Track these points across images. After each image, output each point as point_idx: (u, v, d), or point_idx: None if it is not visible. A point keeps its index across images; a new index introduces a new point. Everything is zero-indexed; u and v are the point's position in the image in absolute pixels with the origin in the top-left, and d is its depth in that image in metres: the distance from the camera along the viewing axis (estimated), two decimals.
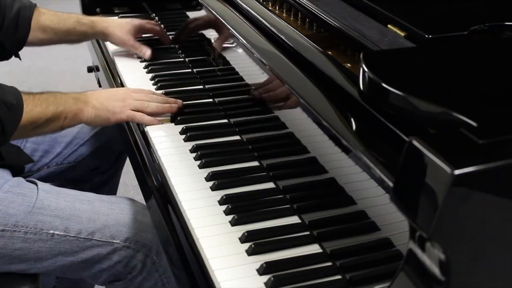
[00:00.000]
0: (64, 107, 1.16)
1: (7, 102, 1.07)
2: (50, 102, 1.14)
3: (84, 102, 1.19)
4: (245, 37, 1.16)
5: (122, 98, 1.23)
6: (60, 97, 1.17)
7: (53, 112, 1.14)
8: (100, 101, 1.21)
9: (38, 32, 1.46)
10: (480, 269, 0.66)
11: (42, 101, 1.13)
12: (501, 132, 0.65)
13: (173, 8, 1.79)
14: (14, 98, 1.09)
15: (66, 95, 1.19)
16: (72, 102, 1.17)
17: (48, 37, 1.48)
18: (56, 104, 1.15)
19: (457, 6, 1.03)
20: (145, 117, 1.22)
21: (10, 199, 1.12)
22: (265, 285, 0.83)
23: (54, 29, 1.47)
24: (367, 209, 0.86)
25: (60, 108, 1.15)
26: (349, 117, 0.85)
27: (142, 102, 1.23)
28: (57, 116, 1.15)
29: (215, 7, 1.34)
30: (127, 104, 1.22)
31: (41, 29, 1.46)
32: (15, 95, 1.10)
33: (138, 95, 1.25)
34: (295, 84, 0.97)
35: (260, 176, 1.06)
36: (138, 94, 1.25)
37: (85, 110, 1.18)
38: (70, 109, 1.17)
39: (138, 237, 1.15)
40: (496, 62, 0.85)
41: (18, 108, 1.09)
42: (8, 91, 1.10)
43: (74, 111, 1.17)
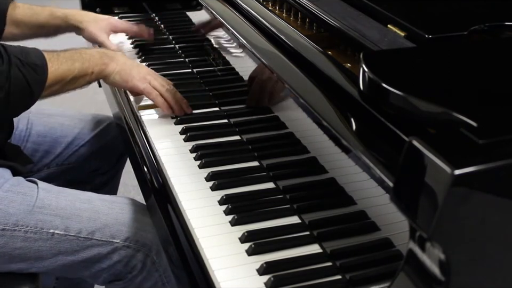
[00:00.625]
0: (89, 62, 1.17)
1: (31, 63, 1.08)
2: (76, 59, 1.16)
3: (110, 57, 1.21)
4: (245, 37, 1.16)
5: (147, 72, 1.25)
6: (85, 52, 1.19)
7: (79, 68, 1.15)
8: (126, 63, 1.23)
9: (11, 27, 1.45)
10: (480, 269, 0.66)
11: (68, 59, 1.15)
12: (501, 132, 0.65)
13: (173, 8, 1.79)
14: (38, 59, 1.10)
15: (92, 50, 1.21)
16: (98, 56, 1.19)
17: (21, 31, 1.47)
18: (82, 60, 1.16)
19: (457, 6, 1.03)
20: (160, 98, 1.23)
21: (11, 198, 1.12)
22: (265, 285, 0.83)
23: (27, 23, 1.46)
24: (367, 209, 0.86)
25: (85, 64, 1.17)
26: (349, 117, 0.85)
27: (163, 85, 1.24)
28: (84, 71, 1.17)
29: (215, 7, 1.34)
30: (148, 78, 1.23)
31: (15, 23, 1.45)
32: (38, 56, 1.11)
33: (160, 78, 1.26)
34: (295, 84, 0.98)
35: (260, 176, 1.06)
36: (160, 78, 1.27)
37: (110, 64, 1.20)
38: (96, 62, 1.18)
39: (139, 236, 1.15)
40: (496, 62, 0.85)
41: (43, 68, 1.10)
42: (31, 52, 1.11)
43: (100, 65, 1.19)
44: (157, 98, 1.23)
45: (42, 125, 1.45)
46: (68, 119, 1.49)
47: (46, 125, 1.46)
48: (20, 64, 1.07)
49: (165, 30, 1.67)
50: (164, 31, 1.67)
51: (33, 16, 1.46)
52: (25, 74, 1.07)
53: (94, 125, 1.50)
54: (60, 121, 1.48)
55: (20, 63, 1.07)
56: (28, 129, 1.43)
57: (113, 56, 1.22)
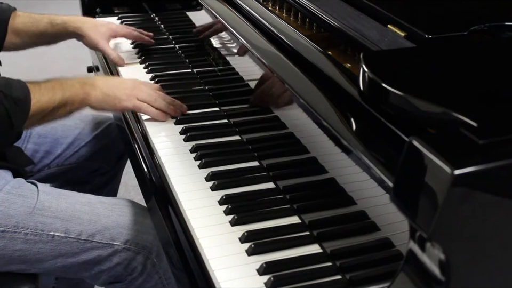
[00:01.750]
0: (70, 93, 1.16)
1: (14, 97, 1.07)
2: (57, 89, 1.14)
3: (90, 85, 1.19)
4: (245, 37, 1.16)
5: (131, 87, 1.22)
6: (66, 83, 1.17)
7: (60, 99, 1.14)
8: (108, 86, 1.21)
9: (12, 36, 1.45)
10: (480, 268, 0.66)
11: (49, 89, 1.13)
12: (501, 132, 0.65)
13: (173, 8, 1.79)
14: (21, 92, 1.09)
15: (73, 80, 1.18)
16: (79, 86, 1.17)
17: (21, 40, 1.47)
18: (63, 90, 1.15)
19: (457, 6, 1.03)
20: (150, 108, 1.22)
21: (11, 200, 1.12)
22: (265, 285, 0.83)
23: (27, 32, 1.46)
24: (367, 209, 0.86)
25: (66, 94, 1.15)
26: (349, 117, 0.85)
27: (150, 94, 1.23)
28: (65, 102, 1.15)
29: (215, 7, 1.34)
30: (134, 93, 1.21)
31: (15, 33, 1.45)
32: (22, 89, 1.10)
33: (146, 88, 1.24)
34: (295, 84, 0.98)
35: (260, 176, 1.06)
36: (146, 87, 1.24)
37: (92, 93, 1.18)
38: (77, 93, 1.16)
39: (139, 239, 1.15)
40: (496, 62, 0.85)
41: (26, 102, 1.09)
42: (15, 86, 1.10)
43: (82, 96, 1.17)
44: (148, 110, 1.22)
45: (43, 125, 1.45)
46: (68, 120, 1.49)
47: (47, 125, 1.46)
48: (3, 97, 1.06)
49: (165, 30, 1.67)
50: (164, 31, 1.67)
51: (33, 24, 1.46)
52: (8, 108, 1.06)
53: (95, 125, 1.51)
54: (60, 121, 1.48)
55: (3, 96, 1.06)
56: (28, 130, 1.43)
57: (94, 83, 1.19)
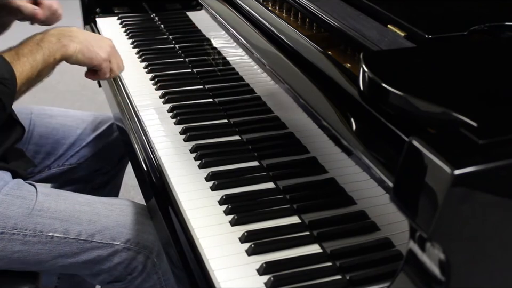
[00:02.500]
0: (49, 50, 1.14)
1: (0, 78, 1.06)
2: (35, 52, 1.12)
3: (68, 37, 1.17)
4: (245, 37, 1.16)
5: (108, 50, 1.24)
6: (41, 40, 1.15)
7: (41, 61, 1.13)
8: (86, 38, 1.20)
9: None
10: (480, 268, 0.66)
11: (28, 55, 1.11)
12: (501, 132, 0.65)
13: (173, 8, 1.79)
14: (5, 71, 1.07)
15: (49, 34, 1.16)
16: (55, 40, 1.16)
17: None
18: (41, 50, 1.13)
19: (457, 6, 1.03)
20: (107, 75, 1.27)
21: (10, 201, 1.12)
22: (265, 285, 0.83)
23: None
24: (367, 209, 0.86)
25: (46, 53, 1.13)
26: (349, 117, 0.85)
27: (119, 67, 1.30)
28: (46, 61, 1.14)
29: (215, 7, 1.34)
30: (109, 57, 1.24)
31: None
32: (5, 67, 1.07)
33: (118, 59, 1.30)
34: (295, 84, 0.98)
35: (260, 176, 1.06)
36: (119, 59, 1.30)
37: (70, 45, 1.17)
38: (55, 48, 1.15)
39: (139, 238, 1.15)
40: (496, 62, 0.85)
41: (12, 79, 1.08)
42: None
43: (60, 49, 1.16)
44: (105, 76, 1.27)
45: (45, 126, 1.45)
46: (69, 120, 1.49)
47: (48, 126, 1.46)
48: None
49: (165, 30, 1.67)
50: (164, 31, 1.67)
51: None
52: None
53: (96, 125, 1.50)
54: (61, 122, 1.48)
55: None
56: (29, 131, 1.43)
57: (71, 34, 1.18)
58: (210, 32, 1.48)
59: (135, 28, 1.70)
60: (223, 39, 1.36)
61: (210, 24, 1.45)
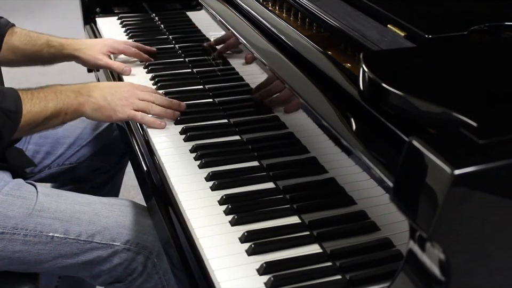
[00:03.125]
0: (64, 103, 1.13)
1: (5, 109, 1.05)
2: (50, 99, 1.12)
3: (85, 95, 1.16)
4: (245, 37, 1.16)
5: (127, 96, 1.19)
6: (59, 91, 1.14)
7: (53, 110, 1.12)
8: (103, 95, 1.17)
9: (8, 53, 1.42)
10: (480, 269, 0.66)
11: (41, 99, 1.11)
12: (501, 132, 0.65)
13: (173, 8, 1.79)
14: (13, 104, 1.07)
15: (67, 89, 1.16)
16: (73, 96, 1.15)
17: (16, 58, 1.44)
18: (56, 100, 1.12)
19: (457, 6, 1.03)
20: (146, 117, 1.19)
21: (10, 201, 1.12)
22: (265, 285, 0.83)
23: (24, 50, 1.43)
24: (367, 209, 0.86)
25: (59, 105, 1.13)
26: (349, 117, 0.85)
27: (147, 103, 1.20)
28: (57, 112, 1.13)
29: (215, 7, 1.34)
30: (130, 103, 1.18)
31: (11, 50, 1.42)
32: (14, 100, 1.07)
33: (143, 94, 1.21)
34: (295, 84, 0.98)
35: (260, 176, 1.06)
36: (143, 93, 1.22)
37: (86, 104, 1.15)
38: (71, 104, 1.14)
39: (139, 239, 1.15)
40: (496, 62, 0.85)
41: (17, 114, 1.07)
42: (8, 95, 1.07)
43: (75, 106, 1.15)
44: (144, 119, 1.19)
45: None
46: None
47: None
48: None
49: (165, 30, 1.67)
50: (164, 31, 1.67)
51: (29, 43, 1.43)
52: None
53: (96, 125, 1.50)
54: None
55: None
56: None
57: (89, 93, 1.16)
58: (210, 32, 1.48)
59: (135, 27, 1.70)
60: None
61: (210, 24, 1.45)
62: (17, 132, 1.09)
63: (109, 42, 1.47)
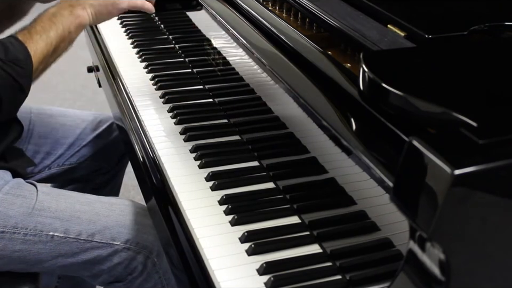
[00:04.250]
0: (63, 25, 1.12)
1: (14, 59, 1.05)
2: (48, 28, 1.11)
3: (79, 6, 1.16)
4: (245, 37, 1.16)
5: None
6: (54, 15, 1.13)
7: (56, 36, 1.11)
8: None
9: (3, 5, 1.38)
10: (480, 269, 0.66)
11: (41, 33, 1.10)
12: (501, 132, 0.65)
13: (173, 8, 1.79)
14: (19, 52, 1.06)
15: (59, 9, 1.14)
16: (68, 13, 1.14)
17: None
18: (55, 26, 1.12)
19: (457, 6, 1.03)
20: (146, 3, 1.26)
21: (10, 200, 1.12)
22: (265, 285, 0.83)
23: None
24: (367, 209, 0.86)
25: (59, 29, 1.12)
26: (349, 117, 0.85)
27: None
28: (61, 36, 1.12)
29: (215, 7, 1.34)
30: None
31: None
32: (19, 48, 1.07)
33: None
34: (295, 84, 0.98)
35: (260, 176, 1.06)
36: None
37: (83, 14, 1.16)
38: (70, 21, 1.14)
39: (139, 238, 1.15)
40: (496, 62, 0.85)
41: (28, 60, 1.07)
42: (10, 45, 1.07)
43: (75, 21, 1.14)
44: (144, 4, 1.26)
45: (44, 125, 1.45)
46: (69, 120, 1.49)
47: (48, 126, 1.46)
48: (1, 64, 1.04)
49: (165, 30, 1.67)
50: (164, 31, 1.67)
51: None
52: (10, 73, 1.04)
53: (96, 125, 1.50)
54: (61, 121, 1.48)
55: (1, 62, 1.04)
56: (29, 130, 1.43)
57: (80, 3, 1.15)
58: (210, 32, 1.48)
59: (135, 27, 1.70)
60: (223, 39, 1.36)
61: (210, 24, 1.45)
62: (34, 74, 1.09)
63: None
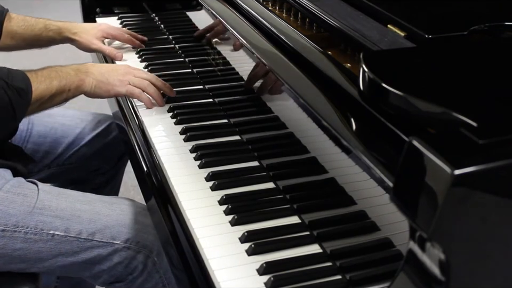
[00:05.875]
0: (66, 80, 1.19)
1: (17, 87, 1.10)
2: (53, 77, 1.17)
3: (84, 72, 1.22)
4: (245, 37, 1.16)
5: (123, 73, 1.27)
6: (61, 70, 1.20)
7: (57, 86, 1.17)
8: (101, 72, 1.25)
9: (7, 39, 1.47)
10: (480, 268, 0.66)
11: (46, 77, 1.16)
12: (501, 132, 0.65)
13: (173, 8, 1.79)
14: (23, 82, 1.12)
15: (67, 68, 1.22)
16: (74, 73, 1.21)
17: (16, 43, 1.49)
18: (59, 78, 1.18)
19: (457, 6, 1.03)
20: (143, 95, 1.27)
21: (11, 199, 1.12)
22: (265, 285, 0.83)
23: (22, 34, 1.48)
24: (367, 209, 0.86)
25: (62, 82, 1.18)
26: (349, 117, 0.85)
27: (143, 80, 1.27)
28: (61, 89, 1.18)
29: (215, 7, 1.34)
30: (127, 79, 1.26)
31: (10, 35, 1.47)
32: (23, 79, 1.12)
33: (138, 72, 1.29)
34: (295, 84, 0.98)
35: (260, 176, 1.06)
36: (138, 72, 1.30)
37: (86, 80, 1.22)
38: (73, 80, 1.20)
39: (139, 237, 1.15)
40: (496, 62, 0.85)
41: (28, 92, 1.12)
42: (16, 75, 1.12)
43: (77, 82, 1.21)
44: (141, 96, 1.27)
45: (43, 125, 1.45)
46: (68, 119, 1.49)
47: (47, 125, 1.46)
48: (6, 87, 1.09)
49: (165, 30, 1.67)
50: (164, 31, 1.67)
51: (28, 28, 1.48)
52: (11, 98, 1.09)
53: (95, 124, 1.51)
54: (60, 121, 1.48)
55: (6, 86, 1.09)
56: (28, 130, 1.43)
57: (87, 70, 1.23)
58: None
59: (135, 28, 1.70)
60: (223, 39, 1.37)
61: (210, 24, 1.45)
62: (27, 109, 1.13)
63: (103, 27, 1.55)
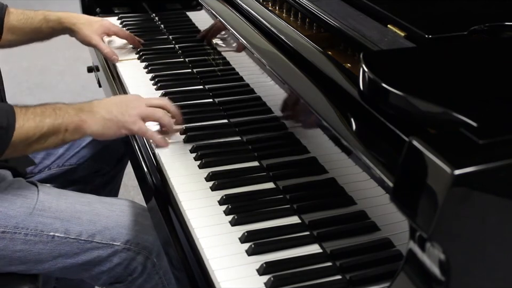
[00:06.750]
0: (63, 119, 1.06)
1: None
2: (47, 115, 1.06)
3: (88, 112, 1.09)
4: (245, 37, 1.16)
5: (134, 106, 1.13)
6: (59, 108, 1.08)
7: (50, 126, 1.05)
8: (108, 109, 1.10)
9: (7, 34, 1.44)
10: (480, 269, 0.66)
11: (37, 114, 1.05)
12: (501, 132, 0.65)
13: (173, 8, 1.79)
14: (4, 118, 1.01)
15: (69, 106, 1.09)
16: (74, 113, 1.08)
17: (17, 37, 1.46)
18: (54, 116, 1.06)
19: (457, 6, 1.03)
20: (156, 135, 1.14)
21: (11, 200, 1.12)
22: (265, 285, 0.83)
23: (22, 28, 1.45)
24: (367, 209, 0.86)
25: (58, 121, 1.06)
26: (349, 117, 0.85)
27: (155, 110, 1.14)
28: (55, 129, 1.06)
29: (215, 7, 1.34)
30: (138, 112, 1.12)
31: (10, 30, 1.44)
32: (6, 115, 1.02)
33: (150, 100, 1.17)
34: (295, 84, 0.98)
35: (260, 176, 1.06)
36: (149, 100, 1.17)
37: (89, 120, 1.08)
38: (71, 120, 1.07)
39: (139, 239, 1.15)
40: (496, 62, 0.85)
41: (8, 130, 1.01)
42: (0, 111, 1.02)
43: (77, 122, 1.07)
44: (153, 136, 1.14)
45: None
46: None
47: None
48: None
49: (165, 30, 1.67)
50: (164, 31, 1.67)
51: (27, 21, 1.45)
52: None
53: None
54: None
55: None
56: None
57: (92, 109, 1.09)
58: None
59: (135, 27, 1.70)
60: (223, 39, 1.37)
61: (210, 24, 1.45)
62: (11, 149, 1.03)
63: (105, 23, 1.51)
